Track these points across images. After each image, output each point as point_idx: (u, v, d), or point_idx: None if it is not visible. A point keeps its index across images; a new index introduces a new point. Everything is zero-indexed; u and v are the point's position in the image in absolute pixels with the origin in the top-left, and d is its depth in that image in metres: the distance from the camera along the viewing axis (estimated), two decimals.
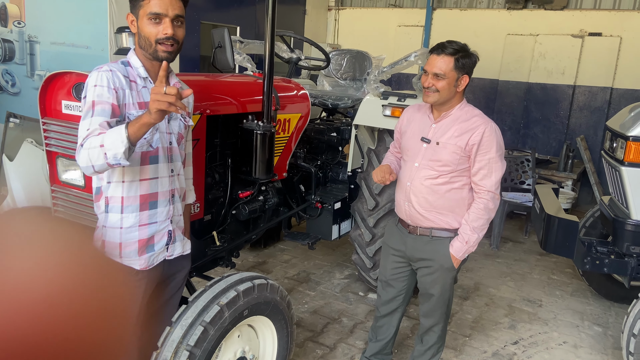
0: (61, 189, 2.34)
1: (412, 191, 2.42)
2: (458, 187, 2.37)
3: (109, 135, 1.57)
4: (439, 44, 2.31)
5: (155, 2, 1.73)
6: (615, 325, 3.71)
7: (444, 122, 2.37)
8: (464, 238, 2.36)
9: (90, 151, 1.58)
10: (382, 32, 8.30)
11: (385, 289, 2.71)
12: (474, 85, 7.67)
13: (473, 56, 2.31)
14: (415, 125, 2.47)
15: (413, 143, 2.44)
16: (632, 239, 3.22)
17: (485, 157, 2.29)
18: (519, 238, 5.57)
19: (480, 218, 2.34)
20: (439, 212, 2.39)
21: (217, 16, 6.34)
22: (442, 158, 2.33)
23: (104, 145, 1.56)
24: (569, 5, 7.09)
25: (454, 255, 2.39)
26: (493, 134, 2.30)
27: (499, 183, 2.35)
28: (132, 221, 1.84)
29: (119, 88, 1.73)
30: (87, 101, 1.70)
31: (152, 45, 1.77)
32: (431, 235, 2.44)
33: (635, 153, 3.07)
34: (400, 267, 2.62)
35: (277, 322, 2.33)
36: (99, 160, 1.58)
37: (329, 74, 4.47)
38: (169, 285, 2.09)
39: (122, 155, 1.56)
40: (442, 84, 2.27)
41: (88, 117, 1.67)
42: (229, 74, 3.10)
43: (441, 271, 2.46)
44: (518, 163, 5.67)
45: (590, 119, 7.01)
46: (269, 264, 4.40)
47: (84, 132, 1.65)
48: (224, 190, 2.86)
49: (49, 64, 4.93)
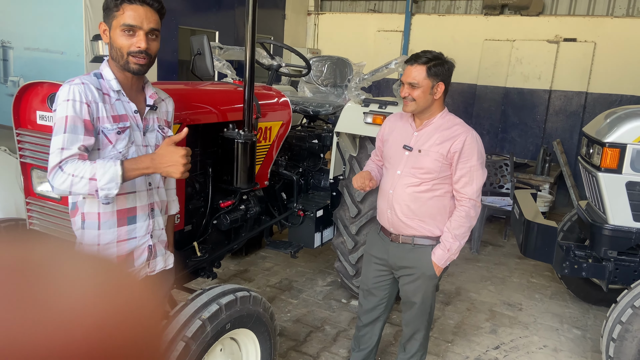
0: (36, 202, 2.28)
1: (395, 199, 2.42)
2: (440, 195, 2.39)
3: (102, 173, 1.60)
4: (413, 54, 2.35)
5: (130, 13, 1.68)
6: (594, 328, 3.77)
7: (426, 130, 2.39)
8: (445, 246, 2.37)
9: (74, 179, 1.59)
10: (361, 36, 8.34)
11: (367, 297, 2.70)
12: (452, 90, 7.75)
13: (447, 64, 2.33)
14: (398, 133, 2.49)
15: (395, 151, 2.46)
16: (609, 244, 3.28)
17: (466, 165, 2.31)
18: (498, 241, 5.63)
19: (462, 226, 2.36)
20: (421, 220, 2.40)
21: (196, 21, 6.28)
22: (424, 165, 2.34)
23: (96, 180, 1.59)
24: (545, 11, 7.23)
25: (436, 262, 2.40)
26: (474, 142, 2.32)
27: (480, 191, 2.37)
28: (110, 237, 1.79)
29: (91, 102, 1.68)
30: (58, 116, 1.64)
31: (123, 56, 1.72)
32: (413, 243, 2.45)
33: (612, 159, 3.13)
34: (382, 276, 2.62)
35: (260, 334, 2.31)
36: (83, 190, 1.61)
37: (310, 80, 4.45)
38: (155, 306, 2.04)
39: (114, 194, 1.63)
40: (417, 92, 2.30)
41: (60, 133, 1.63)
42: (208, 82, 3.07)
43: (423, 279, 2.47)
44: (497, 167, 5.74)
45: (566, 123, 7.14)
46: (250, 272, 4.36)
47: (58, 151, 1.62)
48: (205, 200, 2.82)
49: (23, 69, 4.82)
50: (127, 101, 1.79)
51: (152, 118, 1.89)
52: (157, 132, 1.89)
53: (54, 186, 1.63)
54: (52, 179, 1.62)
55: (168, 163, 1.68)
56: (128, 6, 1.68)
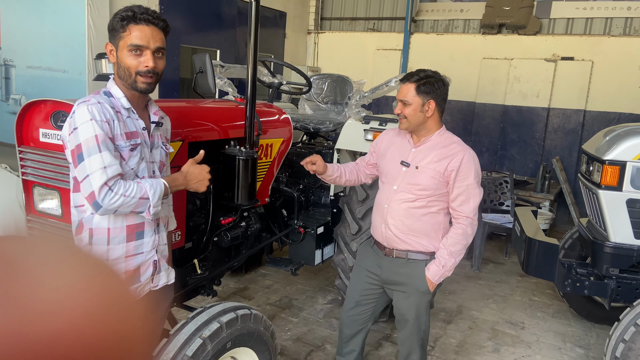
0: (37, 219, 2.27)
1: (390, 213, 2.43)
2: (434, 212, 2.40)
3: (152, 192, 1.73)
4: (407, 73, 2.41)
5: (136, 34, 1.71)
6: (597, 346, 3.74)
7: (424, 147, 2.41)
8: (440, 262, 2.37)
9: (126, 199, 1.68)
10: (361, 55, 8.42)
11: (353, 309, 2.69)
12: (451, 108, 7.79)
13: (439, 82, 2.36)
14: (395, 149, 2.51)
15: (393, 166, 2.47)
16: (611, 261, 3.27)
17: (463, 184, 2.33)
18: (499, 259, 5.60)
19: (458, 243, 2.36)
20: (415, 235, 2.41)
21: (197, 39, 6.34)
22: (421, 182, 2.36)
23: (148, 199, 1.73)
24: (542, 31, 7.31)
25: (430, 278, 2.40)
26: (471, 161, 2.34)
27: (477, 209, 2.38)
28: (119, 253, 1.79)
29: (110, 120, 1.71)
30: (85, 136, 1.65)
31: (131, 75, 1.75)
32: (407, 257, 2.44)
33: (612, 176, 3.13)
34: (371, 289, 2.62)
35: (261, 353, 2.28)
36: (130, 209, 1.71)
37: (311, 97, 4.48)
38: (153, 316, 2.03)
39: (159, 210, 1.79)
40: (408, 110, 2.34)
41: (96, 153, 1.64)
42: (210, 100, 3.08)
43: (417, 295, 2.46)
44: (497, 184, 5.75)
45: (565, 141, 7.17)
46: (250, 289, 4.33)
47: (100, 170, 1.64)
48: (206, 217, 2.82)
49: (25, 88, 4.85)
50: (136, 118, 1.82)
51: (157, 135, 1.93)
52: (161, 148, 1.92)
53: (103, 206, 1.65)
54: (101, 200, 1.64)
55: (197, 179, 1.93)
56: (134, 26, 1.71)
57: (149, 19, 1.72)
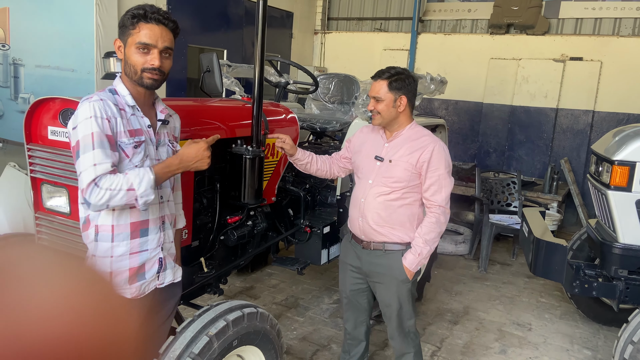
0: (45, 216, 2.28)
1: (366, 207, 2.52)
2: (409, 203, 2.48)
3: (138, 182, 1.67)
4: (378, 71, 2.50)
5: (145, 32, 1.72)
6: (605, 348, 3.71)
7: (396, 142, 2.51)
8: (416, 250, 2.45)
9: (112, 192, 1.64)
10: (367, 55, 8.40)
11: (347, 304, 2.81)
12: (458, 108, 7.77)
13: (409, 78, 2.46)
14: (370, 144, 2.60)
15: (367, 162, 2.56)
16: (620, 263, 3.24)
17: (435, 174, 2.42)
18: (506, 260, 5.57)
19: (433, 231, 2.44)
20: (391, 227, 2.49)
21: (204, 39, 6.35)
22: (395, 175, 2.45)
23: (134, 190, 1.67)
24: (550, 31, 7.27)
25: (407, 267, 2.48)
26: (442, 152, 2.44)
27: (449, 198, 2.47)
28: (123, 250, 1.80)
29: (111, 117, 1.72)
30: (83, 133, 1.67)
31: (137, 72, 1.76)
32: (384, 249, 2.52)
33: (621, 177, 3.11)
34: (358, 283, 2.71)
35: (267, 351, 2.28)
36: (121, 202, 1.67)
37: (317, 97, 4.48)
38: (159, 313, 2.04)
39: (151, 199, 1.73)
40: (381, 106, 2.44)
41: (89, 151, 1.65)
42: (217, 99, 3.09)
43: (396, 284, 2.53)
44: (504, 185, 5.72)
45: (574, 142, 7.12)
46: (256, 289, 4.33)
47: (91, 168, 1.64)
48: (212, 215, 2.82)
49: (34, 87, 4.88)
50: (141, 116, 1.82)
51: (163, 133, 1.94)
52: (167, 146, 1.92)
53: (92, 202, 1.65)
54: (89, 196, 1.64)
55: (195, 159, 1.86)
56: (144, 25, 1.72)
57: (159, 19, 1.74)
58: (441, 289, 4.62)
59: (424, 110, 7.73)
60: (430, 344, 3.61)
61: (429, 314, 4.09)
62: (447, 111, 7.87)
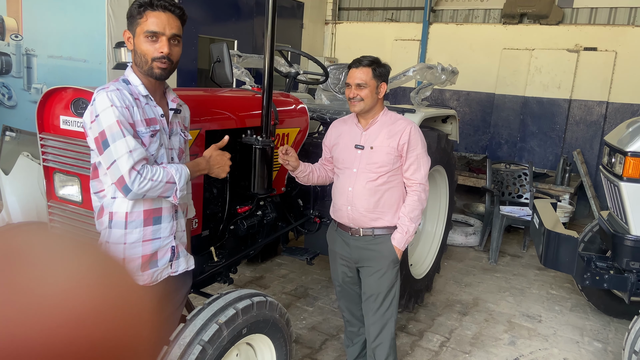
0: (58, 205, 2.31)
1: (355, 195, 2.57)
2: (395, 186, 2.57)
3: (178, 177, 1.77)
4: (355, 59, 2.56)
5: (152, 20, 1.73)
6: (615, 341, 3.69)
7: (373, 129, 2.58)
8: (403, 229, 2.54)
9: (154, 183, 1.72)
10: (378, 45, 8.35)
11: (342, 292, 2.86)
12: (470, 99, 7.71)
13: (387, 66, 2.58)
14: (346, 136, 2.65)
15: (348, 152, 2.61)
16: (632, 255, 3.21)
17: (414, 154, 2.53)
18: (517, 252, 5.55)
19: (416, 209, 2.54)
20: (380, 211, 2.57)
21: (215, 30, 6.35)
22: (378, 160, 2.52)
23: (174, 183, 1.77)
24: (564, 20, 7.17)
25: (397, 245, 2.56)
26: (417, 133, 2.55)
27: (427, 175, 2.57)
28: (136, 237, 1.82)
29: (129, 106, 1.74)
30: (107, 122, 1.68)
31: (147, 62, 1.77)
32: (374, 234, 2.59)
33: (634, 168, 3.07)
34: (348, 271, 2.76)
35: (276, 340, 2.30)
36: (157, 193, 1.75)
37: (327, 87, 4.47)
38: (171, 301, 2.06)
39: (185, 194, 1.85)
40: (365, 92, 2.49)
41: (120, 138, 1.68)
42: (227, 89, 3.09)
43: (386, 266, 2.59)
44: (515, 177, 5.68)
45: (587, 133, 7.04)
46: (266, 278, 4.36)
47: (127, 155, 1.67)
48: (222, 205, 2.83)
49: (46, 77, 4.92)
50: (155, 105, 1.84)
51: (175, 122, 1.96)
52: (180, 135, 1.95)
53: (133, 190, 1.69)
54: (131, 184, 1.68)
55: (219, 165, 2.00)
56: (151, 13, 1.73)
57: (165, 6, 1.75)
58: (451, 280, 4.61)
59: (435, 101, 7.69)
60: (439, 334, 3.61)
61: (438, 305, 4.09)
62: (458, 102, 7.82)
